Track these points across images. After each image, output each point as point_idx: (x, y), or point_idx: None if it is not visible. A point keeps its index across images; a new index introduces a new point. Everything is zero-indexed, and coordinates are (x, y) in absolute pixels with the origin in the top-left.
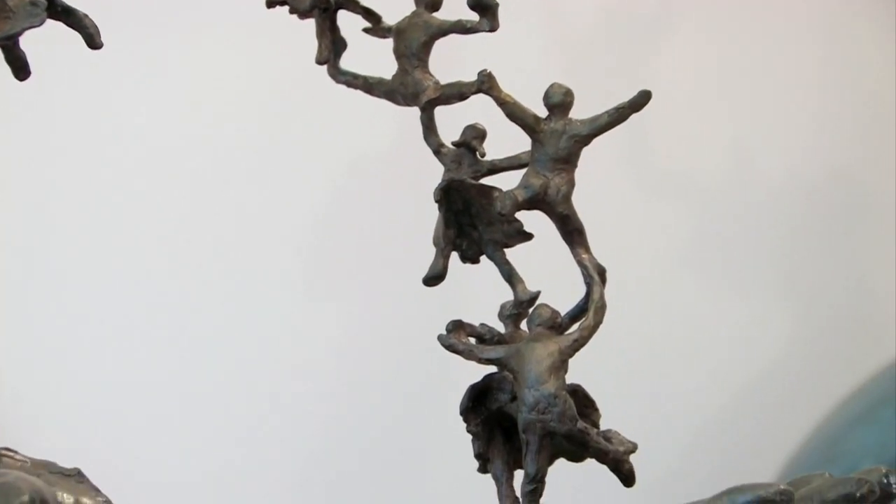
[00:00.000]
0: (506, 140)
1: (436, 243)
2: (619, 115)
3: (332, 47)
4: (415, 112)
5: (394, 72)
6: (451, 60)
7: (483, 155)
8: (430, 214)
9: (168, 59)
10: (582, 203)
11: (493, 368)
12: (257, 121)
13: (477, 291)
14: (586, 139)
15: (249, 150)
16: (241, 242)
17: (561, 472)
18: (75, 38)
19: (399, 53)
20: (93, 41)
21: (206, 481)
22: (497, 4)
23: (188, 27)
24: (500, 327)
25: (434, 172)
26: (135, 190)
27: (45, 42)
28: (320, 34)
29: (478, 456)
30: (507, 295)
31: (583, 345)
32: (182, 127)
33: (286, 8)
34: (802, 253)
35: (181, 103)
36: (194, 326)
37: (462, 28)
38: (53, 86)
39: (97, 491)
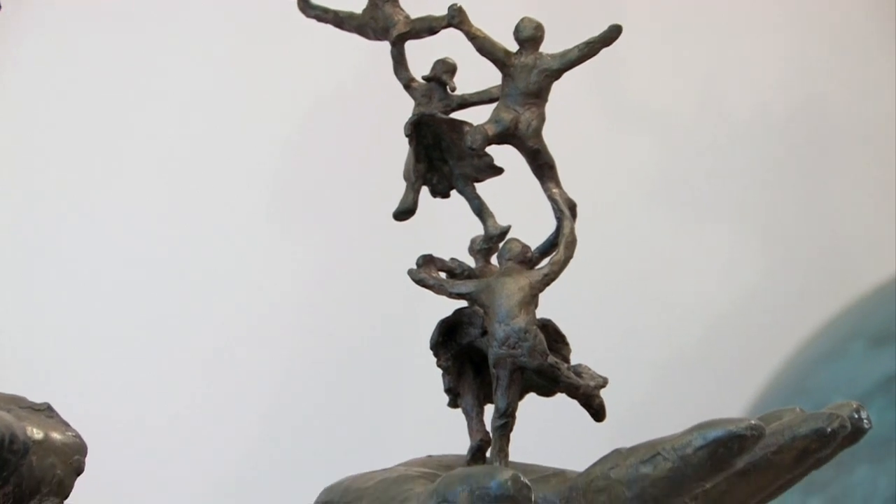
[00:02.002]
0: (476, 74)
1: (406, 178)
2: (589, 50)
3: None
4: (385, 46)
5: (364, 6)
6: None
7: (453, 89)
8: (401, 149)
9: None
10: (552, 137)
11: (463, 303)
12: (225, 55)
13: (447, 226)
14: (557, 73)
15: (216, 86)
16: (207, 178)
17: (531, 406)
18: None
19: None
20: None
21: (171, 417)
22: None
23: None
24: (470, 262)
25: (404, 107)
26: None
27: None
28: None
29: (448, 390)
30: (477, 229)
31: (553, 279)
32: (149, 61)
33: None
34: (771, 188)
35: (147, 37)
36: (160, 261)
37: None
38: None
39: (67, 425)
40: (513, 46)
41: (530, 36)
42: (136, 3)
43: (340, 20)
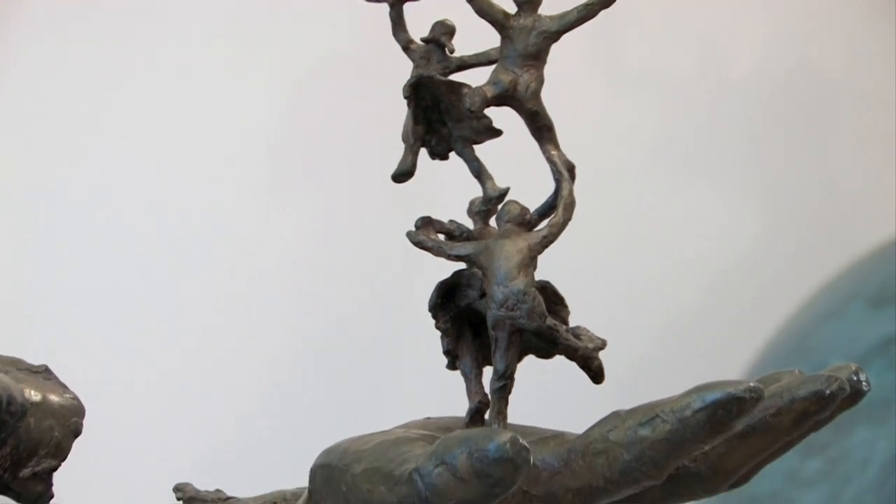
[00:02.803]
0: (475, 36)
1: (404, 140)
2: (588, 12)
3: None
4: (384, 8)
5: None
6: None
7: (452, 51)
8: (399, 111)
9: None
10: (551, 99)
11: (462, 265)
12: (222, 18)
13: (446, 188)
14: (555, 35)
15: (212, 49)
16: (204, 141)
17: (530, 368)
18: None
19: None
20: None
21: (169, 381)
22: None
23: None
24: (469, 224)
25: (403, 69)
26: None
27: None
28: None
29: (447, 353)
30: (476, 191)
31: (552, 241)
32: (146, 22)
33: None
34: (771, 148)
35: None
36: (157, 224)
37: None
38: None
39: (65, 388)
40: (511, 8)
41: None
42: None
43: None
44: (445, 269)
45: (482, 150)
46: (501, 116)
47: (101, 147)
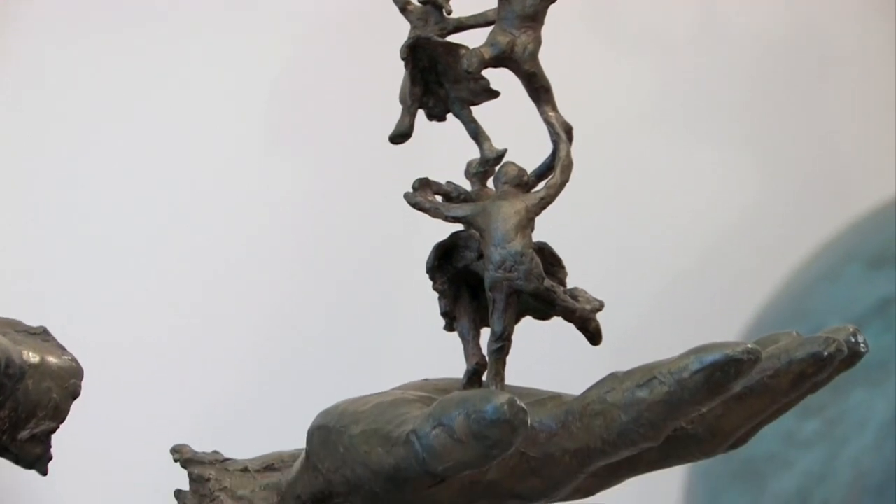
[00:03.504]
0: None
1: (402, 101)
2: None
3: None
4: None
5: None
6: None
7: (450, 12)
8: (397, 72)
9: None
10: (548, 61)
11: (459, 226)
12: None
13: (443, 149)
14: None
15: (212, 5)
16: (203, 97)
17: (527, 330)
18: None
19: None
20: None
21: (166, 342)
22: None
23: None
24: (466, 185)
25: (400, 30)
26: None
27: None
28: None
29: (444, 314)
30: (473, 153)
31: (549, 202)
32: None
33: None
34: (769, 109)
35: None
36: (154, 182)
37: None
38: None
39: (63, 349)
40: None
41: None
42: None
43: None
44: (443, 230)
45: (479, 112)
46: (499, 78)
47: (95, 101)
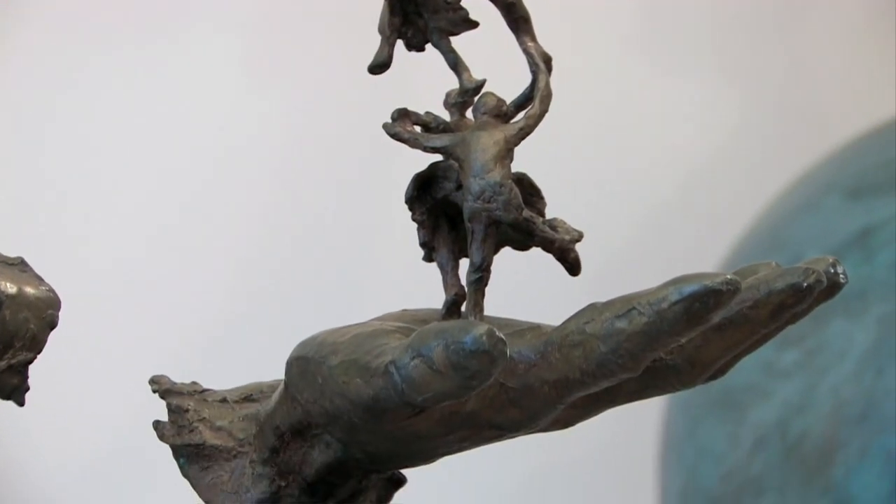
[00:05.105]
0: None
1: (381, 31)
2: None
3: None
4: None
5: None
6: None
7: None
8: (375, 2)
9: None
10: None
11: (438, 157)
12: None
13: (422, 79)
14: None
15: None
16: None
17: (506, 260)
18: None
19: None
20: None
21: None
22: None
23: None
24: (445, 116)
25: None
26: None
27: None
28: None
29: (423, 244)
30: (452, 83)
31: (528, 133)
32: None
33: None
34: (749, 38)
35: None
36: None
37: None
38: None
39: (40, 279)
40: None
41: None
42: None
43: None
44: (422, 161)
45: (458, 42)
46: (478, 7)
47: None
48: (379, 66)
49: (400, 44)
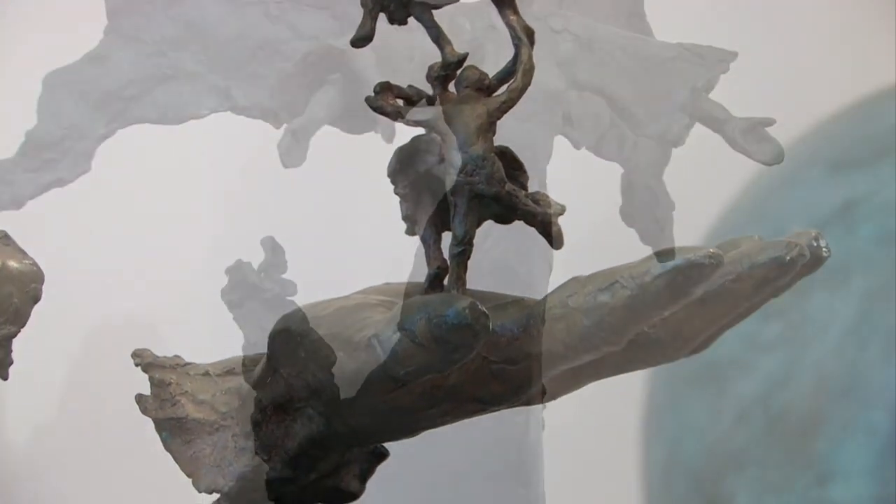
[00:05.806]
0: None
1: (363, 5)
2: None
3: None
4: None
5: None
6: None
7: None
8: None
9: None
10: None
11: (421, 130)
12: None
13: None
14: None
15: None
16: None
17: (489, 234)
18: None
19: None
20: None
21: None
22: None
23: None
24: (428, 89)
25: None
26: None
27: None
28: None
29: (405, 218)
30: (434, 56)
31: (511, 106)
32: None
33: None
34: (731, 12)
35: None
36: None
37: None
38: None
39: (24, 253)
40: None
41: None
42: None
43: None
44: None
45: (441, 15)
46: None
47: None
48: (361, 39)
49: (382, 17)
